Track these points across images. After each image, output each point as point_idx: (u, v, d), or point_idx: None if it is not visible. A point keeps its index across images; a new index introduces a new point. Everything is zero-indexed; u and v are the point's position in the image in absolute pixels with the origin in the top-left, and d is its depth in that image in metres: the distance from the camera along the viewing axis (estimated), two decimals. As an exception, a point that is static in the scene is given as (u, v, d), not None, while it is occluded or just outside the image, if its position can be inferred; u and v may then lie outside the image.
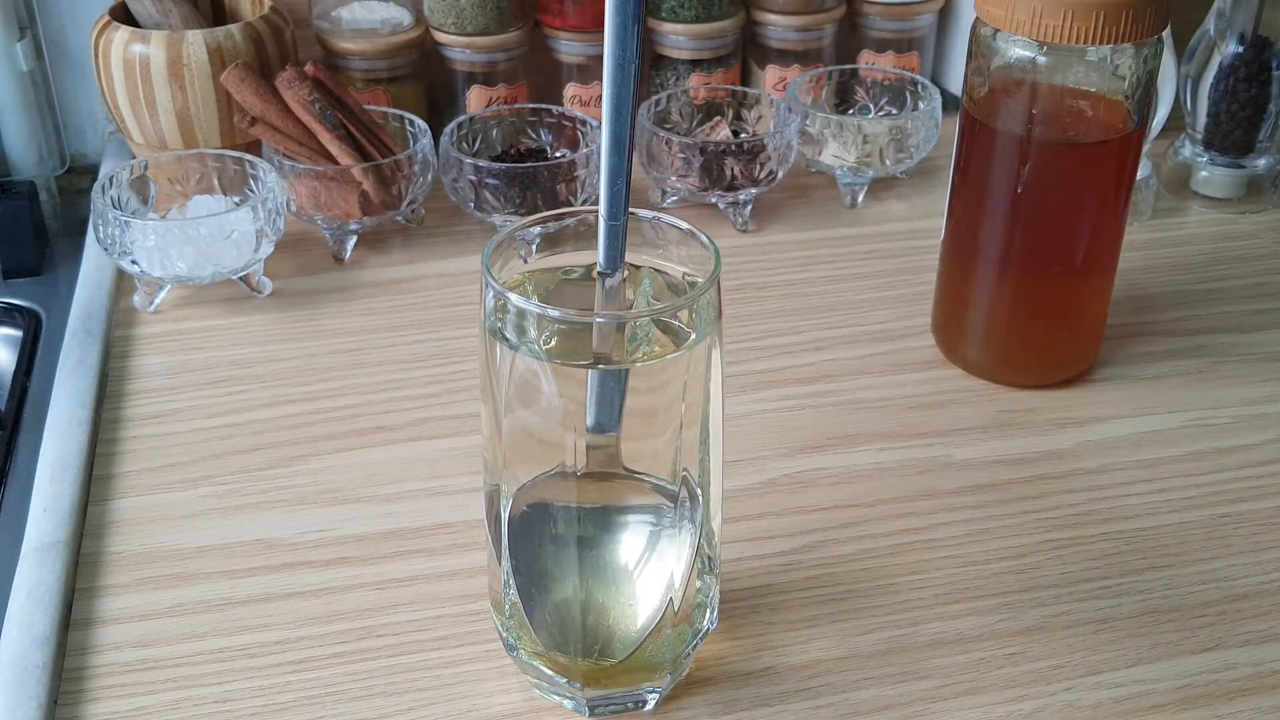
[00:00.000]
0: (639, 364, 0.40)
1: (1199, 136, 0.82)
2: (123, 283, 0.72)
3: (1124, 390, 0.65)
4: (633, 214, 0.41)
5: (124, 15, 0.78)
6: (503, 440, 0.42)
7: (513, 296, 0.40)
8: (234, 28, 0.75)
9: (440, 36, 0.84)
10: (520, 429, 0.42)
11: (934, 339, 0.68)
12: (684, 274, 0.43)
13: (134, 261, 0.68)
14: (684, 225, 0.43)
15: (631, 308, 0.43)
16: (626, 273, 0.41)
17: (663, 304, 0.43)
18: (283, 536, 0.55)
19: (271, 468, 0.59)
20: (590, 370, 0.40)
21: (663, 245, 0.44)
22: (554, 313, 0.39)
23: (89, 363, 0.65)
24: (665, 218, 0.43)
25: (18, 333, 0.74)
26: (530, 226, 0.44)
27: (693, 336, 0.41)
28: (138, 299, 0.71)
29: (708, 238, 0.42)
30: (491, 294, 0.40)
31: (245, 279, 0.71)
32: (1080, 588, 0.52)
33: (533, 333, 0.40)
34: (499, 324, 0.41)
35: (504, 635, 0.47)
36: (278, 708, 0.47)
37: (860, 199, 0.82)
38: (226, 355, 0.67)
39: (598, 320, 0.40)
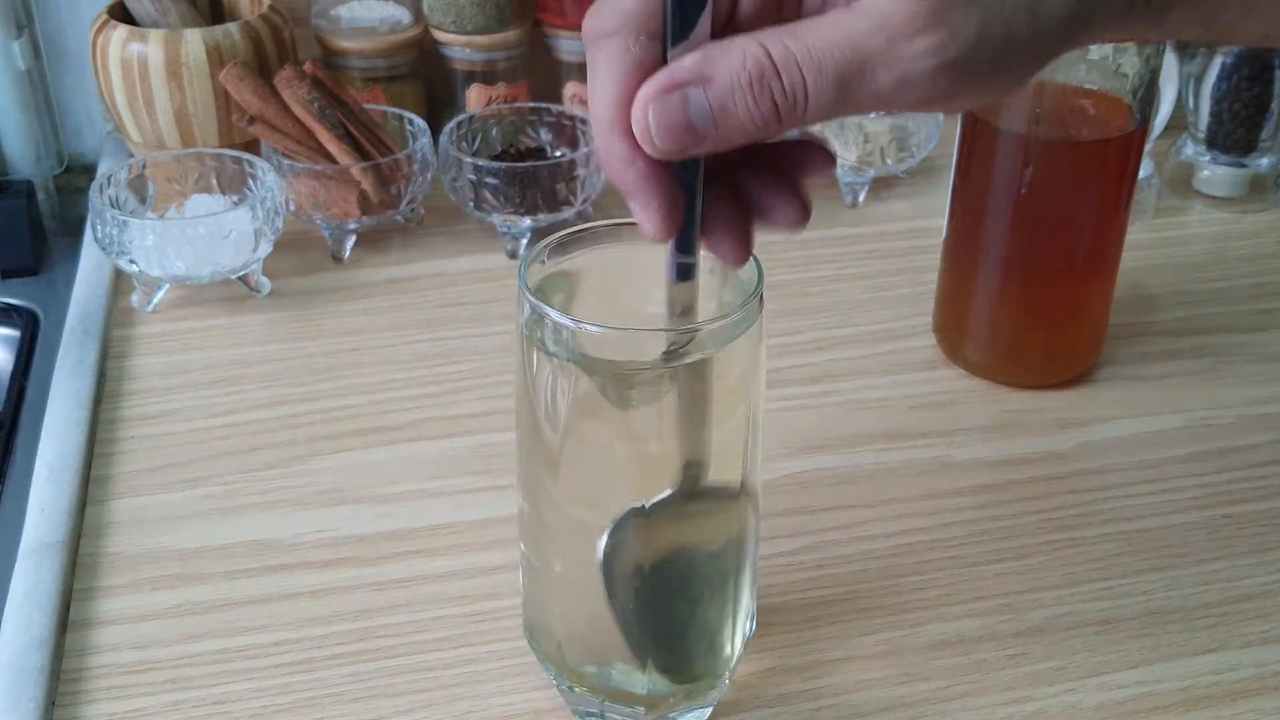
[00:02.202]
0: (688, 360, 0.39)
1: (1201, 136, 0.82)
2: (121, 282, 0.72)
3: (1126, 390, 0.64)
4: None
5: (122, 14, 0.78)
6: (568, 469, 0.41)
7: (551, 312, 0.39)
8: (232, 26, 0.75)
9: (439, 35, 0.84)
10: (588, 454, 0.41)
11: (935, 339, 0.67)
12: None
13: (132, 261, 0.67)
14: None
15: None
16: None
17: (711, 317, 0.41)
18: (282, 537, 0.55)
19: (270, 468, 0.59)
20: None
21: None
22: (591, 329, 0.38)
23: (87, 363, 0.64)
24: None
25: (15, 333, 0.74)
26: (558, 238, 0.43)
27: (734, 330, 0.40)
28: (136, 299, 0.70)
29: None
30: (554, 339, 0.39)
31: (244, 279, 0.71)
32: (1082, 589, 0.52)
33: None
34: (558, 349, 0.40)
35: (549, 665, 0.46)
36: (276, 709, 0.47)
37: (861, 198, 0.82)
38: (225, 355, 0.67)
39: (640, 330, 0.39)
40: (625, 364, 0.39)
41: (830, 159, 0.39)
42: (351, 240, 0.75)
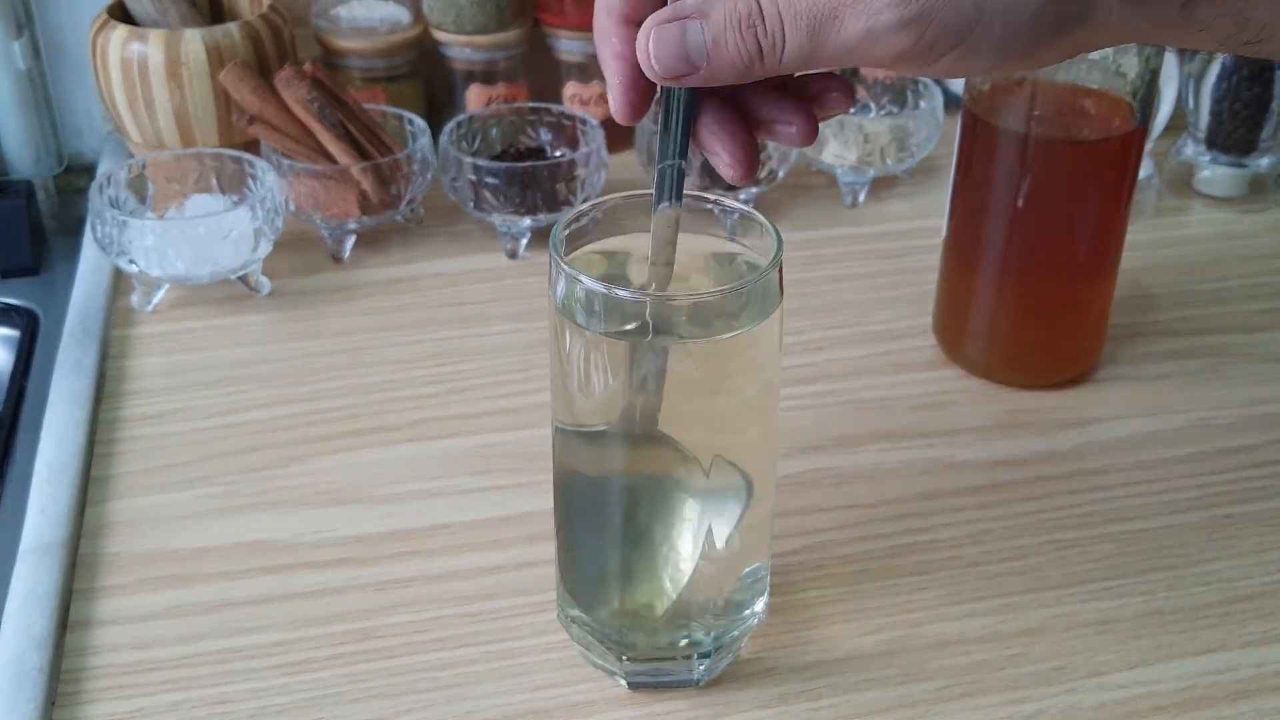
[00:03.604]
0: (710, 340, 0.41)
1: (1201, 136, 0.82)
2: (120, 282, 0.72)
3: (1126, 390, 0.64)
4: (692, 198, 0.43)
5: (122, 14, 0.78)
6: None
7: (584, 279, 0.40)
8: (232, 26, 0.75)
9: (439, 35, 0.84)
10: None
11: (935, 339, 0.67)
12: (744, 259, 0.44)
13: (132, 261, 0.67)
14: (744, 208, 0.43)
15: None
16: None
17: (724, 285, 0.42)
18: (281, 537, 0.55)
19: (270, 468, 0.59)
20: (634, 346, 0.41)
21: (723, 230, 0.44)
22: (622, 293, 0.40)
23: (86, 363, 0.64)
24: (727, 201, 0.44)
25: (15, 333, 0.74)
26: (592, 210, 0.44)
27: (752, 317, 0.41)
28: (135, 299, 0.70)
29: (770, 224, 0.42)
30: (564, 279, 0.41)
31: (243, 279, 0.71)
32: (1082, 589, 0.52)
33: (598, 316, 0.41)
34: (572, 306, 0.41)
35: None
36: (276, 709, 0.47)
37: (861, 198, 0.81)
38: (224, 355, 0.67)
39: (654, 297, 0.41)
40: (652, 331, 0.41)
41: (849, 95, 0.41)
42: (351, 240, 0.75)
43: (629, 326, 0.41)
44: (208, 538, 0.55)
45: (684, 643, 0.46)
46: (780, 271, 0.42)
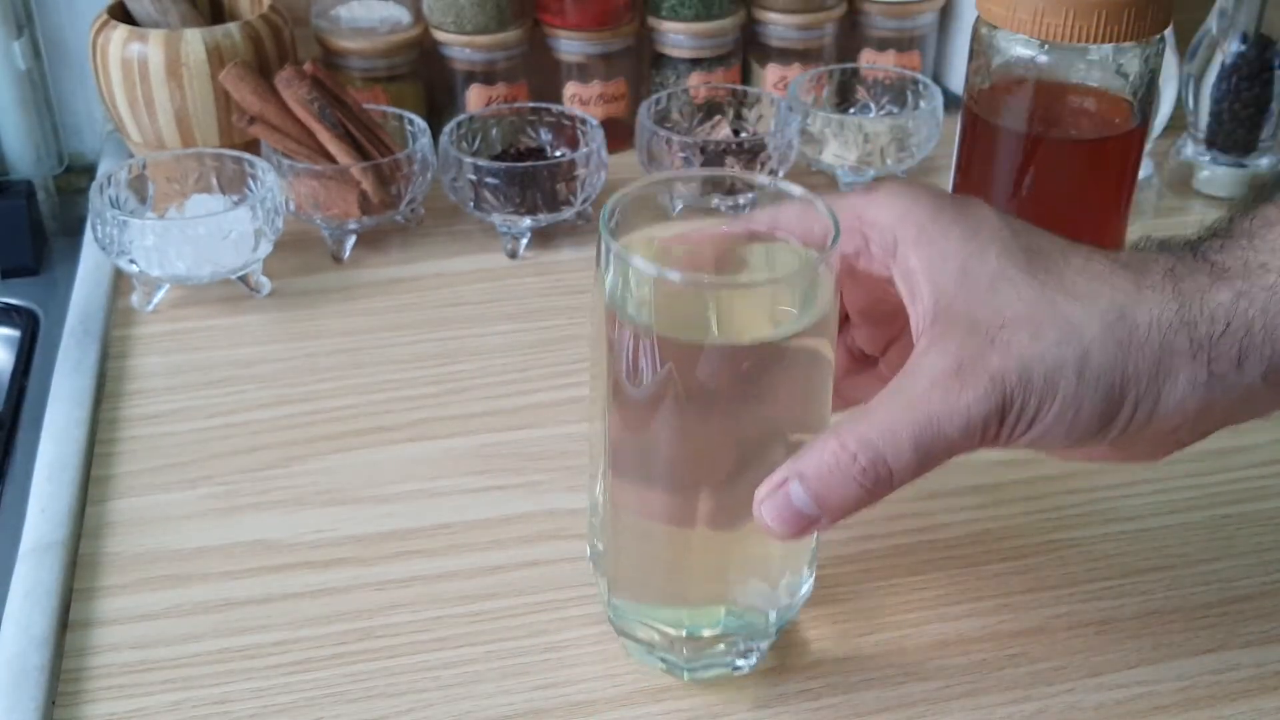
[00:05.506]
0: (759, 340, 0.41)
1: (1201, 136, 0.82)
2: (121, 282, 0.72)
3: (1126, 390, 0.64)
4: (750, 180, 0.45)
5: (122, 14, 0.78)
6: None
7: (637, 260, 0.39)
8: (232, 26, 0.75)
9: (439, 35, 0.84)
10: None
11: (935, 339, 0.67)
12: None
13: (132, 261, 0.67)
14: (798, 191, 0.43)
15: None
16: None
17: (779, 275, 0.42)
18: (282, 537, 0.55)
19: (270, 468, 0.59)
20: None
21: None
22: (672, 275, 0.39)
23: (87, 363, 0.64)
24: (782, 183, 0.44)
25: (15, 333, 0.74)
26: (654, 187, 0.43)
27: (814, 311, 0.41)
28: (136, 299, 0.70)
29: (827, 206, 0.42)
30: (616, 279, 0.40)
31: (244, 279, 0.71)
32: (1082, 588, 0.52)
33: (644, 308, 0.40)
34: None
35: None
36: (277, 709, 0.47)
37: (861, 198, 0.81)
38: (225, 355, 0.67)
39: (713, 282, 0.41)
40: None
41: None
42: (351, 240, 0.75)
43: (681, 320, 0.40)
44: (208, 537, 0.55)
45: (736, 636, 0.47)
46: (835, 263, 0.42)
